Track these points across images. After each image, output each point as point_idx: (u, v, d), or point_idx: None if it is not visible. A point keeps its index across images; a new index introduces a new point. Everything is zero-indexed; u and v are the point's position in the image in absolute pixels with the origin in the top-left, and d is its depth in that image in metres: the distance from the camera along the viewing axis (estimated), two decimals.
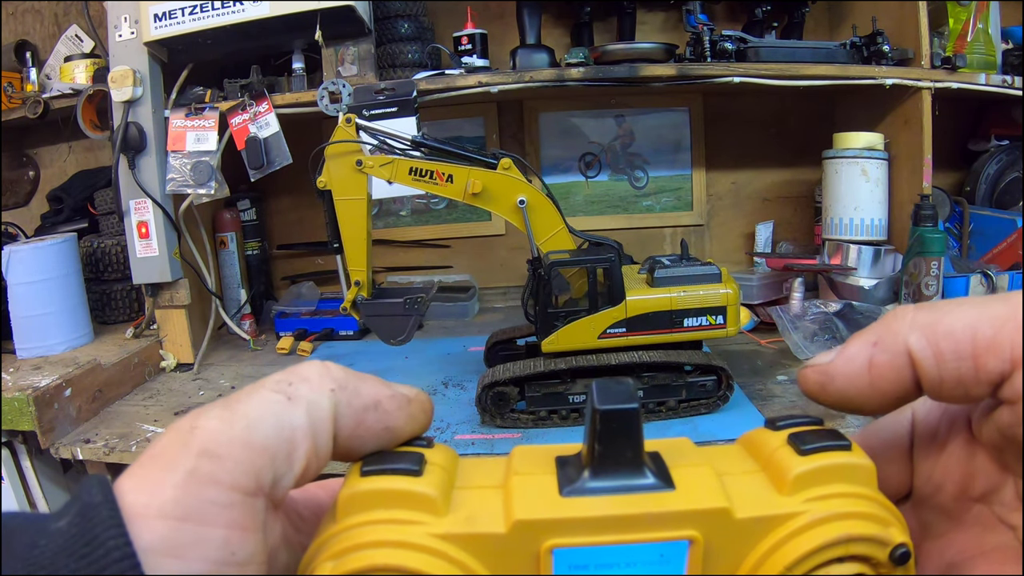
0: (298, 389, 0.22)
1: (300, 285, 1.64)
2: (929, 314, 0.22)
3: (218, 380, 1.27)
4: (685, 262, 0.97)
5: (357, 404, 0.23)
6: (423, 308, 1.03)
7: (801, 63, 1.33)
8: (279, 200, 1.77)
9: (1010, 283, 1.36)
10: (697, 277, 0.94)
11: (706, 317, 0.94)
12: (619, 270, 0.93)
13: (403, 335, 1.04)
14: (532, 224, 0.97)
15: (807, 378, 0.24)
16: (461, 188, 0.96)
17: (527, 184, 0.97)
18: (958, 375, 0.21)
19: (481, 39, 1.42)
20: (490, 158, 0.97)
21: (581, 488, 0.21)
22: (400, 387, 0.25)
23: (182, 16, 1.23)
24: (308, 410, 0.22)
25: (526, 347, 1.14)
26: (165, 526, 0.18)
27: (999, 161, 1.59)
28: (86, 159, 1.78)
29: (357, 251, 1.01)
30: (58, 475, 1.18)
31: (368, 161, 0.97)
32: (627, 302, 0.93)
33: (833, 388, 0.23)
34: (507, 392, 0.96)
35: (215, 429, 0.20)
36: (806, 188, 1.69)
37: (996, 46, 1.45)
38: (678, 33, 1.56)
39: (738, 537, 0.21)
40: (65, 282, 1.27)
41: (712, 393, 0.97)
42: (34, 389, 1.02)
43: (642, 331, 0.94)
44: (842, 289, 1.38)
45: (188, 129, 1.30)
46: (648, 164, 1.72)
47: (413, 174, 0.97)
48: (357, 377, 0.24)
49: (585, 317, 0.93)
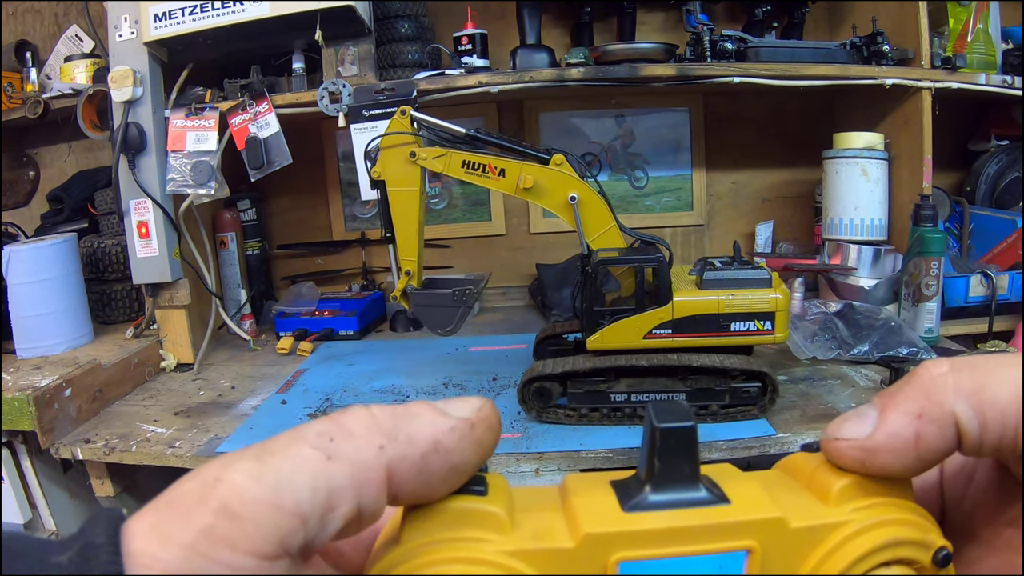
0: (341, 447, 0.20)
1: (300, 285, 1.64)
2: (971, 378, 0.21)
3: (218, 380, 1.27)
4: (736, 264, 0.95)
5: (414, 455, 0.21)
6: (471, 300, 1.04)
7: (801, 63, 1.33)
8: (279, 200, 1.77)
9: (1010, 283, 1.36)
10: (747, 281, 0.92)
11: (754, 322, 0.92)
12: (667, 270, 0.92)
13: (451, 326, 1.05)
14: (583, 221, 0.96)
15: (842, 454, 0.23)
16: (513, 182, 0.96)
17: (579, 180, 0.96)
18: (999, 442, 0.21)
19: (481, 39, 1.42)
20: (543, 153, 0.97)
21: (643, 503, 0.22)
22: (456, 407, 0.22)
23: (182, 16, 1.23)
24: (352, 471, 0.20)
25: (575, 343, 1.13)
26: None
27: (999, 161, 1.59)
28: (86, 159, 1.78)
29: (409, 241, 1.03)
30: (58, 475, 1.18)
31: (422, 153, 0.98)
32: (674, 303, 0.92)
33: (876, 464, 0.22)
34: (549, 388, 0.96)
35: (241, 485, 0.19)
36: (806, 188, 1.69)
37: (996, 46, 1.45)
38: (678, 33, 1.56)
39: (792, 546, 0.22)
40: (65, 282, 1.27)
41: (756, 400, 0.95)
42: (34, 389, 1.02)
43: (688, 333, 0.93)
44: (842, 289, 1.38)
45: (188, 129, 1.30)
46: (648, 164, 1.72)
47: (466, 167, 0.98)
48: (408, 416, 0.21)
49: (631, 316, 0.92)
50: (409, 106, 1.00)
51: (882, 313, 1.23)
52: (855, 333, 1.18)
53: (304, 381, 1.22)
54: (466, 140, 1.00)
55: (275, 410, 1.09)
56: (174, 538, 0.18)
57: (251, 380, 1.25)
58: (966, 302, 1.37)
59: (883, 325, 1.18)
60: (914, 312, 1.25)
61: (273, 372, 1.29)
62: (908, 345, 1.14)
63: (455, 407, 0.22)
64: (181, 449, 0.97)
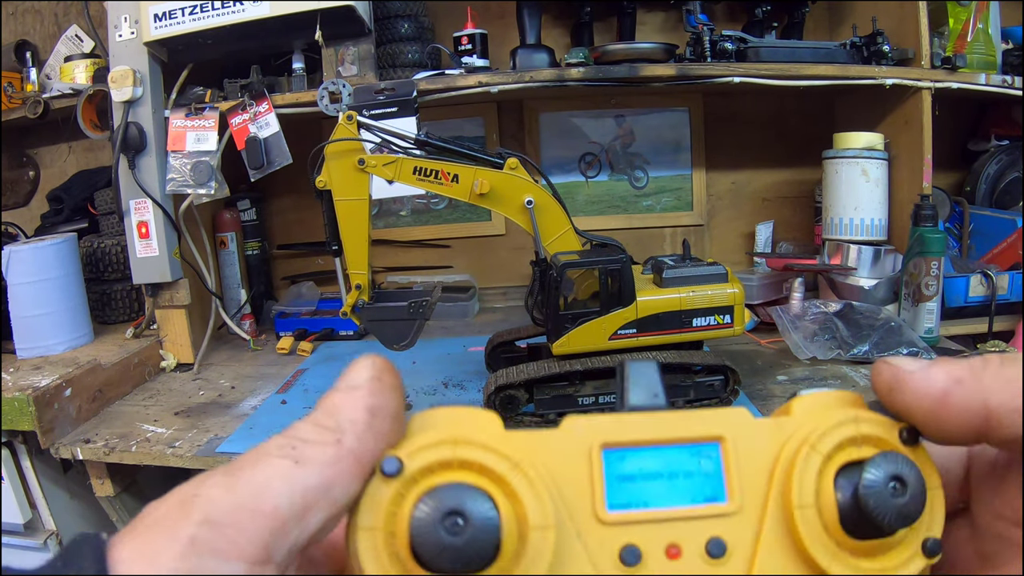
0: (305, 452, 0.21)
1: (300, 285, 1.64)
2: (1014, 371, 0.22)
3: (218, 380, 1.27)
4: (689, 262, 0.97)
5: (364, 431, 0.22)
6: (428, 312, 1.00)
7: (801, 63, 1.33)
8: (279, 200, 1.77)
9: (1010, 283, 1.36)
10: (705, 277, 0.95)
11: (714, 316, 0.95)
12: (630, 271, 0.93)
13: (407, 340, 1.01)
14: (539, 225, 0.95)
15: (880, 372, 0.24)
16: (467, 188, 0.94)
17: (534, 184, 0.95)
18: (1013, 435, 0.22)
19: (481, 39, 1.42)
20: (496, 158, 0.95)
21: (620, 411, 0.24)
22: (356, 377, 0.23)
23: (182, 16, 1.23)
24: (321, 470, 0.21)
25: (528, 349, 1.14)
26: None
27: (999, 161, 1.59)
28: (86, 159, 1.78)
29: (357, 253, 0.98)
30: (58, 475, 1.18)
31: (371, 160, 0.94)
32: (638, 303, 0.93)
33: (899, 398, 0.23)
34: (516, 395, 0.95)
35: (219, 496, 0.19)
36: (806, 188, 1.69)
37: (996, 46, 1.45)
38: (678, 33, 1.56)
39: (760, 438, 0.23)
40: (65, 282, 1.27)
41: (719, 393, 0.97)
42: (34, 389, 1.02)
43: (652, 332, 0.94)
44: (842, 289, 1.38)
45: (188, 129, 1.30)
46: (648, 164, 1.72)
47: (417, 174, 0.94)
48: (334, 407, 0.22)
49: (596, 319, 0.93)
50: (355, 111, 0.96)
51: (882, 313, 1.23)
52: (855, 333, 1.18)
53: (304, 381, 1.22)
54: (417, 145, 0.97)
55: (275, 410, 1.09)
56: (162, 556, 0.18)
57: (251, 380, 1.25)
58: (966, 302, 1.37)
59: (883, 325, 1.18)
60: (914, 312, 1.25)
61: (273, 372, 1.29)
62: (908, 345, 1.14)
63: (354, 378, 0.23)
64: (181, 449, 0.97)
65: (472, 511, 0.20)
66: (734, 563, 0.22)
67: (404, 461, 0.21)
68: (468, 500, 0.20)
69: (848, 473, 0.22)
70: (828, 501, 0.22)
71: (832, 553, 0.21)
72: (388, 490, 0.21)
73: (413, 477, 0.21)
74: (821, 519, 0.22)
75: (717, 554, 0.22)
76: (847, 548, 0.22)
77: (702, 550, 0.22)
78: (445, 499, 0.20)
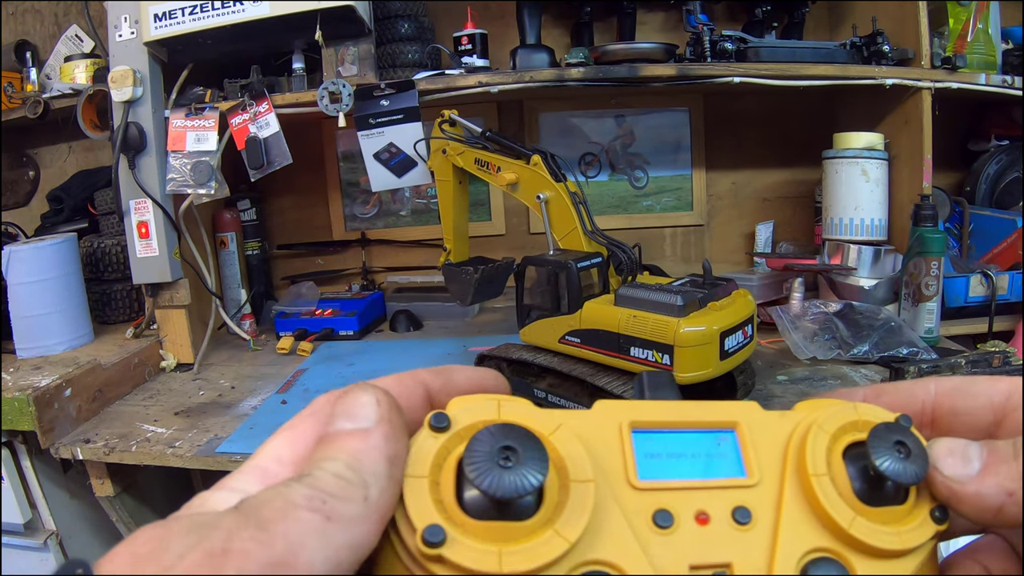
0: (336, 508, 0.20)
1: (300, 285, 1.64)
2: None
3: (218, 380, 1.27)
4: (690, 285, 0.89)
5: (387, 484, 0.21)
6: (483, 278, 1.19)
7: (801, 63, 1.33)
8: (279, 200, 1.77)
9: (1010, 283, 1.36)
10: (655, 304, 0.83)
11: (652, 352, 0.83)
12: (576, 279, 0.92)
13: (465, 298, 1.21)
14: (551, 220, 1.03)
15: (936, 486, 0.24)
16: (504, 178, 1.07)
17: (550, 181, 1.01)
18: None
19: (481, 39, 1.42)
20: (530, 152, 1.04)
21: (645, 400, 0.27)
22: (363, 415, 0.22)
23: (182, 16, 1.23)
24: (350, 527, 0.20)
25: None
26: None
27: (999, 161, 1.59)
28: (86, 159, 1.78)
29: (446, 222, 1.23)
30: (58, 475, 1.18)
31: (450, 150, 1.15)
32: (582, 312, 0.92)
33: (955, 506, 0.23)
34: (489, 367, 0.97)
35: (253, 552, 0.18)
36: (806, 188, 1.69)
37: (996, 46, 1.45)
38: (678, 33, 1.56)
39: (772, 425, 0.25)
40: (65, 282, 1.27)
41: None
42: (34, 389, 1.02)
43: (593, 347, 0.91)
44: (842, 289, 1.38)
45: (188, 129, 1.30)
46: (648, 164, 1.72)
47: (477, 163, 1.12)
48: (357, 460, 0.22)
49: (548, 318, 0.97)
50: (448, 110, 1.17)
51: (882, 313, 1.23)
52: (855, 333, 1.18)
53: (304, 381, 1.22)
54: (481, 139, 1.14)
55: (275, 410, 1.09)
56: None
57: (251, 380, 1.25)
58: (966, 302, 1.37)
59: (883, 325, 1.18)
60: (914, 312, 1.25)
61: (273, 372, 1.29)
62: (908, 345, 1.14)
63: (360, 414, 0.22)
64: (181, 449, 0.97)
65: (525, 447, 0.21)
66: (759, 529, 0.23)
67: (452, 417, 0.23)
68: (522, 438, 0.21)
69: (853, 451, 0.24)
70: (840, 471, 0.24)
71: (850, 516, 0.23)
72: (435, 443, 0.22)
73: (459, 434, 0.22)
74: (836, 486, 0.23)
75: (743, 521, 0.23)
76: (862, 514, 0.23)
77: (729, 517, 0.23)
78: (499, 435, 0.21)
